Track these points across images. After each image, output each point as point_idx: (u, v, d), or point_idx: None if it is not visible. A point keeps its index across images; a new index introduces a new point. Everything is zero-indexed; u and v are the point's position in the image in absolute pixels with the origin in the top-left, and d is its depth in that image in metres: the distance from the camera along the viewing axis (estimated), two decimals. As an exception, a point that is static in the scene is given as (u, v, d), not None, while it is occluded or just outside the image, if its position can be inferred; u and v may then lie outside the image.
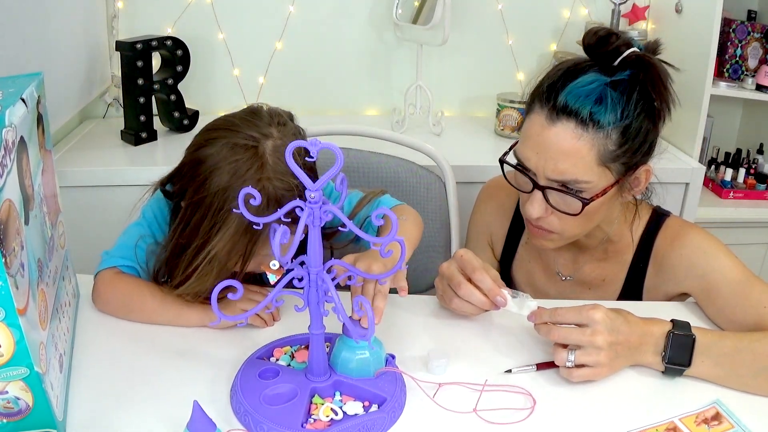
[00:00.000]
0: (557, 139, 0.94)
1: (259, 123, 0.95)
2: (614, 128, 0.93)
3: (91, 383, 0.84)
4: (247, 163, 0.91)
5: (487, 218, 1.26)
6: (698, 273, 1.03)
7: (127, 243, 1.03)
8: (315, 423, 0.76)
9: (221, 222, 0.90)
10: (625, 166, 0.96)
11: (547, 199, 0.98)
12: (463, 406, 0.82)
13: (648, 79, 0.95)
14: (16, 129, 0.69)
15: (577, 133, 0.93)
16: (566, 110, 0.93)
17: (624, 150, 0.94)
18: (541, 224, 1.01)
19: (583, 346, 0.85)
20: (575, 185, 0.95)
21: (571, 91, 0.93)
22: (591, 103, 0.92)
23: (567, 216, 0.98)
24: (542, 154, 0.95)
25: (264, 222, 0.76)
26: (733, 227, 2.02)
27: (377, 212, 0.73)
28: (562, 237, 1.03)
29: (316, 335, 0.80)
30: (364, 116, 2.20)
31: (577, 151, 0.93)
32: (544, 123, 0.95)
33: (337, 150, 0.71)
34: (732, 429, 0.79)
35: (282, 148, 0.93)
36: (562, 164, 0.94)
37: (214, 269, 0.93)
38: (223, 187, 0.90)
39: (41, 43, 1.52)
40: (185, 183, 0.95)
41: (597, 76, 0.94)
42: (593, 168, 0.94)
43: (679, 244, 1.05)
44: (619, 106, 0.93)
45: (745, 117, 2.32)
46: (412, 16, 1.99)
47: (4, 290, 0.61)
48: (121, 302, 0.99)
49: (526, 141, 0.99)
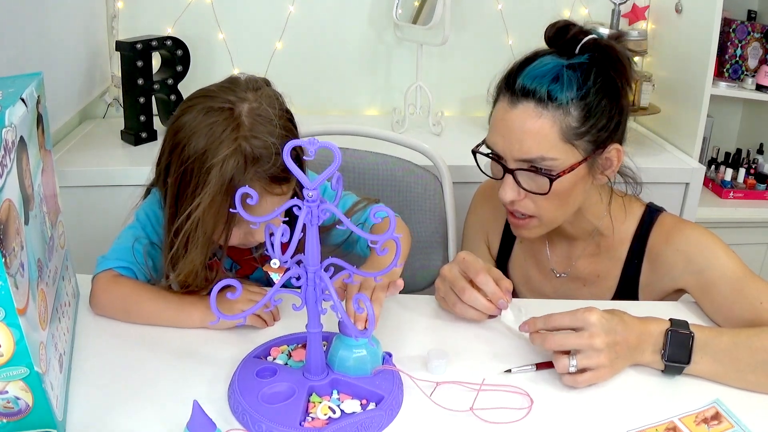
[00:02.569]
0: (519, 120, 0.97)
1: (235, 89, 0.96)
2: (574, 105, 0.95)
3: (91, 383, 0.84)
4: (223, 124, 0.91)
5: (482, 218, 1.27)
6: (695, 269, 1.03)
7: (123, 246, 1.03)
8: (313, 421, 0.76)
9: (202, 183, 0.91)
10: (592, 144, 0.98)
11: (517, 182, 1.00)
12: (461, 405, 0.82)
13: (606, 58, 0.97)
14: (16, 129, 0.69)
15: (537, 111, 0.96)
16: (525, 91, 0.96)
17: (588, 127, 0.97)
18: (517, 208, 1.02)
19: (582, 349, 0.85)
20: (542, 163, 0.97)
21: (528, 73, 0.97)
22: (548, 82, 0.95)
23: (541, 198, 0.99)
24: (507, 136, 0.98)
25: (261, 222, 0.76)
26: (733, 227, 2.02)
27: (376, 210, 0.73)
28: (541, 222, 1.04)
29: (313, 334, 0.80)
30: (364, 116, 2.20)
31: (539, 129, 0.96)
32: (506, 107, 0.99)
33: (336, 149, 0.71)
34: (732, 429, 0.79)
35: (258, 110, 0.94)
36: (526, 143, 0.96)
37: (200, 238, 0.93)
38: (201, 148, 0.91)
39: (41, 43, 1.52)
40: (167, 156, 0.96)
41: (554, 58, 0.98)
42: (557, 145, 0.96)
43: (676, 240, 1.06)
44: (575, 84, 0.95)
45: (745, 117, 2.32)
46: (412, 16, 1.99)
47: (4, 290, 0.61)
48: (119, 305, 0.98)
49: (492, 128, 1.02)
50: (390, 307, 1.03)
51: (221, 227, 0.94)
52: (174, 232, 0.94)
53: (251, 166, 0.91)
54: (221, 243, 0.97)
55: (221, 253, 1.02)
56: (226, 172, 0.89)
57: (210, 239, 0.94)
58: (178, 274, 0.96)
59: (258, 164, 0.91)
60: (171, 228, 0.95)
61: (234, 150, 0.90)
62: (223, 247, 0.99)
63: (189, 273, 0.96)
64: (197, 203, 0.90)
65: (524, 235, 1.08)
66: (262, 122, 0.93)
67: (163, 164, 0.97)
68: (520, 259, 1.23)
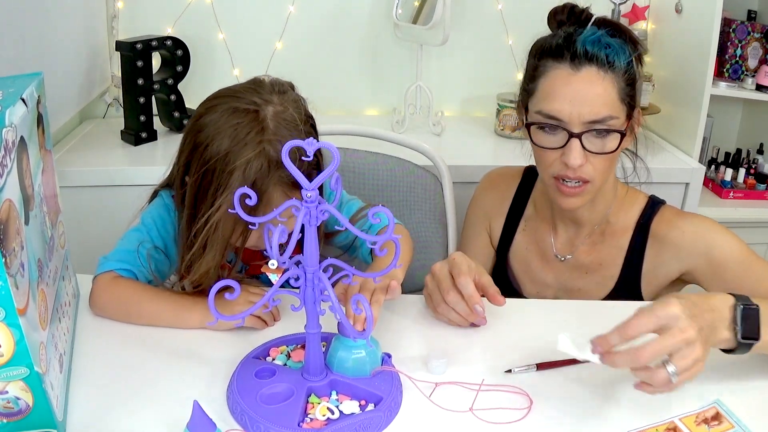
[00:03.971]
0: (587, 83, 1.01)
1: (260, 90, 0.96)
2: (625, 68, 1.02)
3: (91, 383, 0.84)
4: (248, 127, 0.91)
5: (486, 205, 1.29)
6: (702, 249, 1.06)
7: (126, 248, 1.02)
8: (312, 422, 0.76)
9: (224, 185, 0.90)
10: (629, 107, 1.04)
11: (584, 146, 1.02)
12: (460, 405, 0.82)
13: (631, 37, 1.05)
14: (16, 129, 0.69)
15: (601, 75, 1.01)
16: (587, 56, 1.01)
17: (633, 89, 1.04)
18: (580, 174, 1.04)
19: (678, 348, 0.74)
20: (608, 123, 1.01)
21: (585, 40, 1.01)
22: (604, 47, 1.01)
23: (600, 161, 1.03)
24: (576, 100, 1.00)
25: (260, 222, 0.76)
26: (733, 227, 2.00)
27: (374, 210, 0.73)
28: (594, 187, 1.06)
29: (312, 335, 0.80)
30: (364, 116, 2.20)
31: (605, 90, 1.01)
32: (569, 72, 1.01)
33: (334, 149, 0.71)
34: (732, 429, 0.79)
35: (283, 113, 0.94)
36: (596, 105, 1.00)
37: (218, 240, 0.93)
38: (225, 149, 0.90)
39: (41, 43, 1.52)
40: (188, 155, 0.95)
41: (593, 29, 1.03)
42: (617, 105, 1.02)
43: (680, 223, 1.09)
44: (621, 50, 1.02)
45: (745, 117, 2.32)
46: (412, 16, 1.99)
47: (4, 290, 0.61)
48: (119, 306, 0.98)
49: (553, 95, 1.03)
50: (390, 307, 1.03)
51: (240, 230, 0.94)
52: (194, 233, 0.94)
53: (274, 171, 0.90)
54: (237, 245, 0.97)
55: (236, 258, 1.02)
56: (249, 175, 0.89)
57: (227, 241, 0.94)
58: (192, 275, 0.96)
59: (281, 169, 0.90)
60: (190, 228, 0.95)
61: (258, 153, 0.90)
62: (239, 250, 0.99)
63: (204, 274, 0.96)
64: (218, 206, 0.90)
65: (574, 203, 1.08)
66: (286, 126, 0.93)
67: (182, 162, 0.97)
68: (521, 247, 1.24)
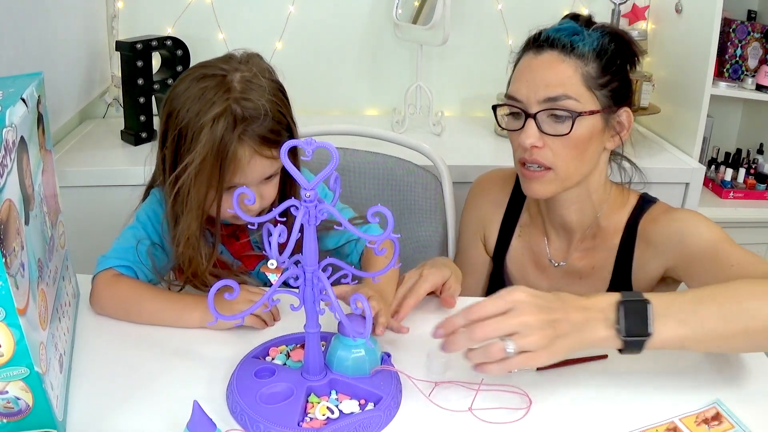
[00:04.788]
0: (544, 63, 1.03)
1: (230, 60, 0.99)
2: (593, 57, 1.02)
3: (91, 383, 0.85)
4: (215, 89, 0.94)
5: (480, 212, 1.28)
6: (675, 241, 1.03)
7: (123, 245, 1.03)
8: (311, 422, 0.76)
9: (194, 145, 0.93)
10: (609, 100, 1.04)
11: (539, 127, 1.02)
12: (459, 405, 0.82)
13: (616, 35, 1.06)
14: (17, 129, 0.69)
15: (561, 57, 1.02)
16: (548, 41, 1.03)
17: (606, 80, 1.03)
18: (536, 158, 1.03)
19: (516, 330, 0.75)
20: (564, 102, 1.01)
21: (551, 28, 1.06)
22: (570, 35, 1.03)
23: (560, 146, 1.02)
24: (532, 80, 1.03)
25: (259, 222, 0.76)
26: (733, 227, 2.02)
27: (372, 210, 0.73)
28: (557, 176, 1.05)
29: (311, 334, 0.80)
30: (364, 116, 2.20)
31: (563, 70, 1.02)
32: (531, 57, 1.05)
33: (333, 149, 0.71)
34: (732, 429, 0.79)
35: (251, 78, 0.97)
36: (551, 82, 1.01)
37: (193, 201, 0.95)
38: (194, 112, 0.93)
39: (41, 43, 1.52)
40: (164, 125, 0.98)
41: (572, 22, 1.06)
42: (580, 87, 1.02)
43: (663, 220, 1.08)
44: (595, 40, 1.03)
45: (745, 117, 2.32)
46: (412, 16, 1.99)
47: (4, 290, 0.61)
48: (120, 305, 0.99)
49: (515, 78, 1.07)
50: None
51: (213, 193, 0.95)
52: (173, 199, 0.97)
53: (240, 125, 0.93)
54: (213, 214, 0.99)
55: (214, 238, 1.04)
56: (216, 132, 0.92)
57: (203, 204, 0.96)
58: (177, 246, 0.99)
59: (247, 124, 0.93)
60: (174, 202, 0.97)
61: (224, 110, 0.92)
62: (216, 219, 1.00)
63: (187, 244, 0.98)
64: (189, 161, 0.93)
65: (536, 190, 1.07)
66: (253, 87, 0.96)
67: (161, 133, 0.99)
68: (518, 253, 1.23)
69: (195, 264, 1.01)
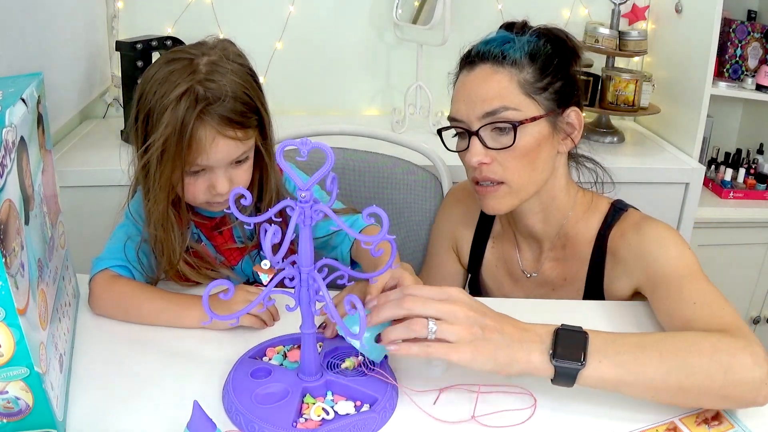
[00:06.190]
0: (478, 79, 1.02)
1: (201, 46, 1.00)
2: (527, 62, 1.00)
3: (91, 383, 0.85)
4: (180, 70, 0.95)
5: (452, 223, 1.25)
6: (643, 264, 0.99)
7: (116, 245, 1.04)
8: (306, 422, 0.76)
9: (158, 124, 0.93)
10: (552, 103, 1.01)
11: (483, 142, 1.01)
12: (459, 407, 0.82)
13: (551, 35, 1.05)
14: (16, 129, 0.69)
15: (494, 69, 1.01)
16: (480, 55, 1.02)
17: (545, 84, 1.01)
18: (486, 175, 1.02)
19: (443, 317, 0.75)
20: (504, 113, 0.99)
21: (480, 42, 1.05)
22: (500, 44, 1.02)
23: (509, 159, 1.00)
24: (468, 97, 1.02)
25: (255, 222, 0.75)
26: (733, 227, 2.02)
27: (367, 210, 0.73)
28: (511, 189, 1.03)
29: (307, 335, 0.80)
30: (364, 116, 2.20)
31: (498, 82, 1.00)
32: (465, 74, 1.04)
33: (328, 149, 0.71)
34: (732, 429, 0.79)
35: (218, 61, 0.97)
36: (488, 96, 1.00)
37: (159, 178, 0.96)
38: (160, 93, 0.94)
39: (41, 43, 1.52)
40: (135, 108, 0.98)
41: (504, 32, 1.06)
42: (518, 96, 0.99)
43: (630, 236, 1.03)
44: (527, 45, 1.01)
45: (745, 117, 2.32)
46: (412, 16, 1.99)
47: (4, 290, 0.61)
48: (118, 306, 0.99)
49: (453, 100, 1.06)
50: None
51: (179, 172, 0.96)
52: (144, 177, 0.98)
53: (201, 104, 0.93)
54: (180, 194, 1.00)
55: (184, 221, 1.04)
56: (177, 111, 0.92)
57: (169, 181, 0.96)
58: (148, 223, 1.00)
59: (208, 103, 0.93)
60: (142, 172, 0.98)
61: (186, 90, 0.93)
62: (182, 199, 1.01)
63: (157, 225, 0.99)
64: (153, 141, 0.93)
65: (493, 207, 1.05)
66: (218, 70, 0.96)
67: (132, 117, 0.99)
68: (492, 266, 1.22)
69: (167, 249, 1.01)
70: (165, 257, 1.02)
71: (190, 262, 1.04)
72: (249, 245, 1.12)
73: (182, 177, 0.97)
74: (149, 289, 1.02)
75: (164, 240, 1.01)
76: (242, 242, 1.12)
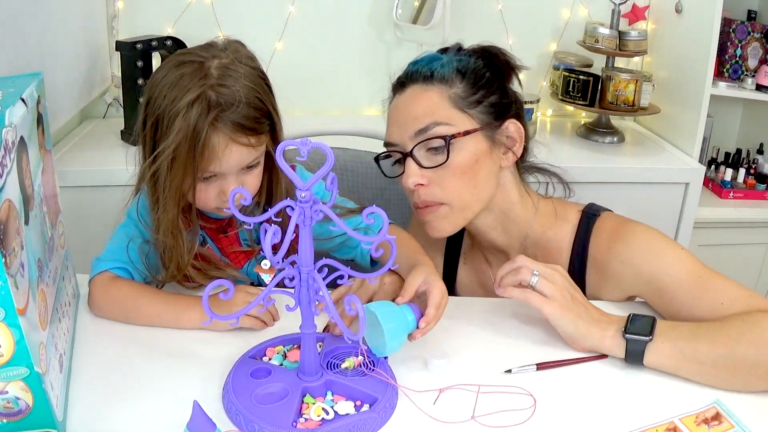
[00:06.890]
0: (408, 99, 1.02)
1: (210, 48, 0.98)
2: (457, 77, 1.00)
3: (91, 383, 0.85)
4: (191, 74, 0.93)
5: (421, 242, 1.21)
6: (645, 279, 0.99)
7: (117, 246, 1.03)
8: (306, 422, 0.76)
9: (169, 132, 0.91)
10: (487, 116, 1.01)
11: (418, 163, 1.00)
12: (459, 407, 0.82)
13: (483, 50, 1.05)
14: (16, 129, 0.69)
15: (424, 87, 1.01)
16: (408, 76, 1.03)
17: (479, 97, 1.00)
18: (424, 198, 1.00)
19: (546, 276, 0.91)
20: (436, 129, 0.98)
21: (409, 65, 1.05)
22: (428, 63, 1.02)
23: (447, 179, 0.99)
24: (400, 119, 1.03)
25: (255, 222, 0.75)
26: (733, 227, 2.02)
27: (367, 210, 0.72)
28: (452, 209, 1.01)
29: (307, 335, 0.80)
30: (364, 116, 2.19)
31: (428, 98, 1.00)
32: (396, 98, 1.05)
33: (328, 149, 0.70)
34: (732, 429, 0.79)
35: (228, 64, 0.95)
36: (418, 115, 1.00)
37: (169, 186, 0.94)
38: (170, 98, 0.92)
39: (41, 43, 1.52)
40: (143, 112, 0.97)
41: (434, 53, 1.06)
42: (449, 111, 0.99)
43: (618, 248, 1.01)
44: (455, 61, 1.01)
45: (745, 117, 2.32)
46: (412, 16, 1.99)
47: (4, 290, 0.61)
48: (118, 307, 0.98)
49: (388, 125, 1.07)
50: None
51: (190, 179, 0.94)
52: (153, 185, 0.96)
53: (214, 110, 0.91)
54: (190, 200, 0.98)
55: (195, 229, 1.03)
56: (189, 118, 0.90)
57: (179, 190, 0.95)
58: (156, 231, 0.98)
59: (221, 110, 0.92)
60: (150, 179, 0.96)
61: (198, 96, 0.91)
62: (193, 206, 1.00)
63: (166, 232, 0.97)
64: (163, 148, 0.92)
65: (437, 228, 1.03)
66: (230, 74, 0.94)
67: (140, 121, 0.98)
68: (465, 283, 1.20)
69: (176, 255, 1.00)
70: (173, 263, 1.01)
71: (196, 266, 1.03)
72: (256, 249, 1.11)
73: (194, 184, 0.95)
74: (149, 290, 1.01)
75: (173, 247, 1.00)
76: (248, 245, 1.12)
